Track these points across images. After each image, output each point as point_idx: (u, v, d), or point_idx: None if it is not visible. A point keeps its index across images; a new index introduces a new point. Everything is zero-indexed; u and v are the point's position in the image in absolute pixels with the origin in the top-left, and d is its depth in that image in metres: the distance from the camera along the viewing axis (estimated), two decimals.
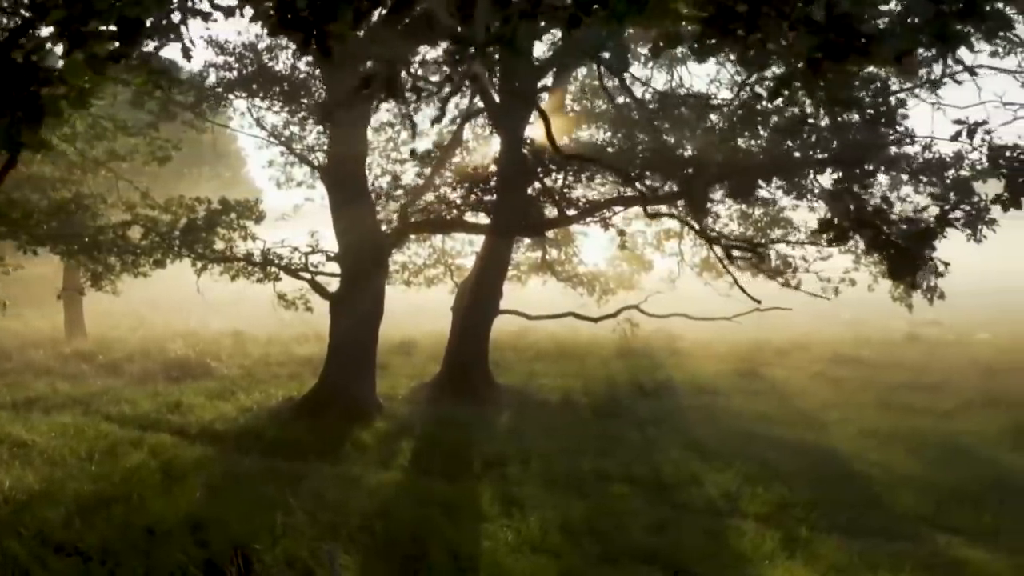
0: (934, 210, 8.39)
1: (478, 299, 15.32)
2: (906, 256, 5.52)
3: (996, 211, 10.49)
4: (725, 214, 15.02)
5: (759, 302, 12.81)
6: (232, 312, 28.45)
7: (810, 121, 8.77)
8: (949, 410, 13.54)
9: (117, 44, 3.61)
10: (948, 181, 10.34)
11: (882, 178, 11.48)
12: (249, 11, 3.90)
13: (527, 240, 19.66)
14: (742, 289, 12.28)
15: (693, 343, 22.28)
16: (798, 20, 2.67)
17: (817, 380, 16.82)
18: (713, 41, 2.89)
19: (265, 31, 3.96)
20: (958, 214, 7.91)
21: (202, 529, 7.09)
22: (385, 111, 16.72)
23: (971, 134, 5.54)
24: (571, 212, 11.51)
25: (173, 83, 11.94)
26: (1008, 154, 6.82)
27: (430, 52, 11.18)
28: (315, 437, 11.31)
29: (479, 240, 15.85)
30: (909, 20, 2.78)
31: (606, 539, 7.38)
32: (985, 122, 6.14)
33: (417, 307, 23.74)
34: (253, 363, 18.01)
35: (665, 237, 20.34)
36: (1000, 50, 15.36)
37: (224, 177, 42.46)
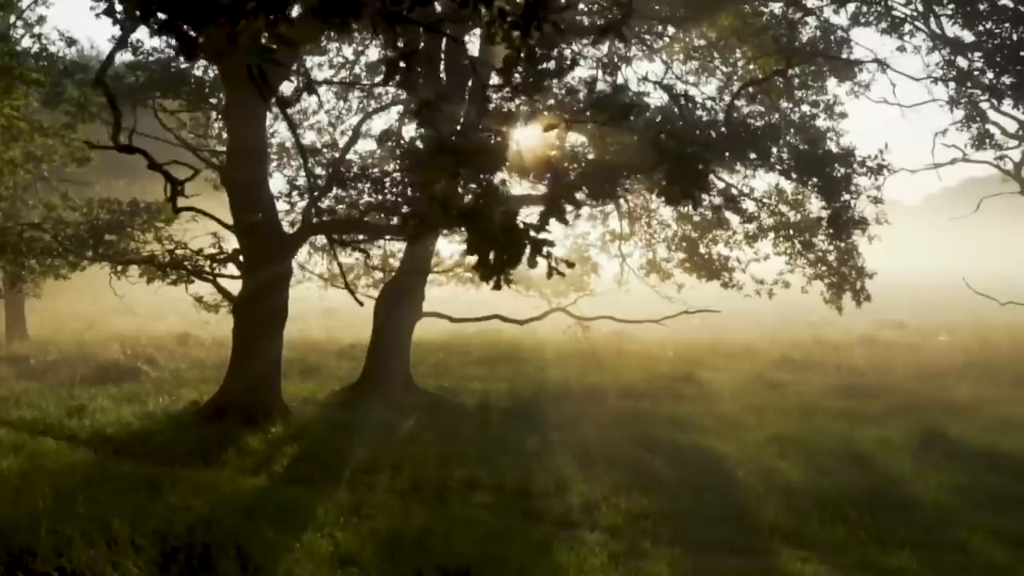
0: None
1: (398, 301, 15.06)
2: (506, 258, 5.14)
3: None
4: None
5: (361, 304, 13.48)
6: (203, 315, 28.32)
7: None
8: (870, 415, 13.12)
9: None
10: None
11: None
12: None
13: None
14: (350, 291, 13.09)
15: (645, 345, 21.92)
16: None
17: (753, 384, 16.43)
18: None
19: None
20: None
21: (3, 539, 6.87)
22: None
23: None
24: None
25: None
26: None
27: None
28: (201, 442, 11.09)
29: None
30: None
31: (429, 552, 7.07)
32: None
33: None
34: (187, 366, 17.86)
35: (610, 239, 20.06)
36: (918, 47, 15.07)
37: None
